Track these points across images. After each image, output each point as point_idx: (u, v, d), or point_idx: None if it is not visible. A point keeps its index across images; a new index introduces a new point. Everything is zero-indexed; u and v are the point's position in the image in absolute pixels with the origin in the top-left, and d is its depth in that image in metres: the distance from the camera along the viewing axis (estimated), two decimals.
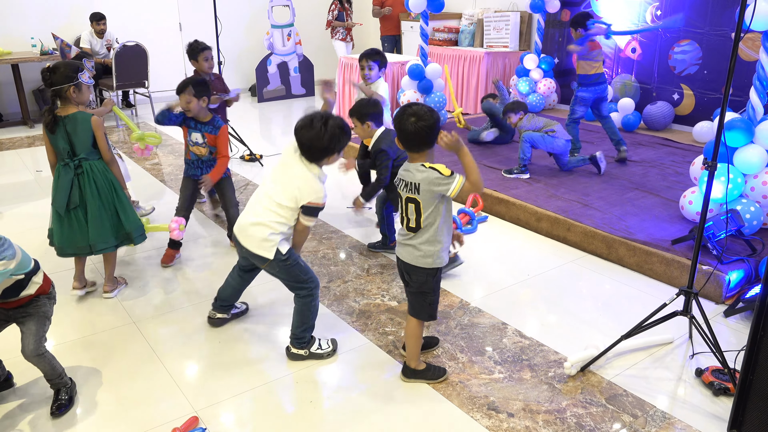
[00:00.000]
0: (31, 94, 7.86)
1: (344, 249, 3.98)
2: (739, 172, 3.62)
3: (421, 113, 2.34)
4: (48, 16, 7.88)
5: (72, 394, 2.49)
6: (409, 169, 2.42)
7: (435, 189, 2.34)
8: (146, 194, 5.03)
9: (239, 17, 9.34)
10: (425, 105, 2.40)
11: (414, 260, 2.46)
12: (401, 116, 2.36)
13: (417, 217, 2.41)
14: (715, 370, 2.62)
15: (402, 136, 2.38)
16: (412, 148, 2.40)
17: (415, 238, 2.44)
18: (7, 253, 2.19)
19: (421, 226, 2.41)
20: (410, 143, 2.38)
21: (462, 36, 8.19)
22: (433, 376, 2.63)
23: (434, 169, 2.34)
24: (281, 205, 2.58)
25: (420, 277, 2.48)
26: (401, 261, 2.53)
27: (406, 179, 2.41)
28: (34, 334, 2.36)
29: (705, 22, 6.03)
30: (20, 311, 2.39)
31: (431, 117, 2.34)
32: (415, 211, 2.41)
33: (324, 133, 2.48)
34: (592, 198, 4.39)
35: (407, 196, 2.41)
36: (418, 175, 2.36)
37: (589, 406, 2.48)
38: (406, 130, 2.35)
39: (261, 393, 2.56)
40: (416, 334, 2.59)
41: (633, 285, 3.50)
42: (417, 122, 2.33)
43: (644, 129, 6.49)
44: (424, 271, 2.46)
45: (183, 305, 3.28)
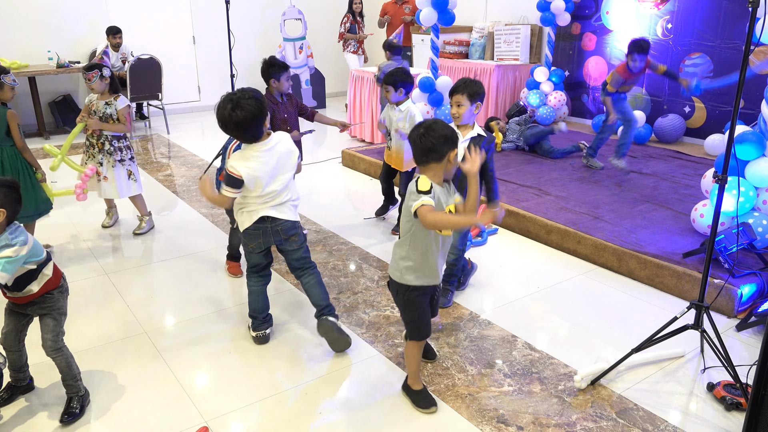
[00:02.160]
0: (47, 106, 7.99)
1: (354, 260, 4.00)
2: (751, 186, 3.61)
3: (432, 125, 2.29)
4: (65, 29, 8.01)
5: (84, 403, 2.52)
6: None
7: (408, 202, 2.29)
8: (158, 204, 5.08)
9: (252, 30, 9.45)
10: (440, 120, 2.33)
11: (390, 270, 2.47)
12: (414, 132, 2.33)
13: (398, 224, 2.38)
14: (727, 384, 2.60)
15: (416, 150, 2.32)
16: (424, 161, 2.31)
17: (396, 248, 2.44)
18: (19, 238, 2.22)
19: (399, 237, 2.42)
20: (424, 156, 2.30)
21: (472, 49, 8.23)
22: (418, 403, 2.53)
23: (416, 181, 2.28)
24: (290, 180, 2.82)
25: (394, 287, 2.46)
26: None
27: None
28: (51, 330, 2.41)
29: (716, 35, 6.02)
30: (34, 307, 2.41)
31: (443, 128, 2.27)
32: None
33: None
34: (602, 210, 4.38)
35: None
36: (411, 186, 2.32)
37: (599, 420, 2.46)
38: (418, 143, 2.29)
39: (271, 404, 2.57)
40: (407, 353, 2.55)
41: (644, 298, 3.48)
42: (428, 133, 2.27)
43: (655, 142, 6.48)
44: (393, 283, 2.45)
45: (193, 315, 3.30)
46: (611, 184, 5.02)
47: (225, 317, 3.29)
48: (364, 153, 6.15)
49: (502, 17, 8.30)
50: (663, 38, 6.48)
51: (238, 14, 9.06)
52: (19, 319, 2.47)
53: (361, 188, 5.51)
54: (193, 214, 4.89)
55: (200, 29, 9.05)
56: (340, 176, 6.00)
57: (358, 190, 5.53)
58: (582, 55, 7.42)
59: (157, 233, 4.47)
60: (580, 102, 7.52)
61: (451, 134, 2.30)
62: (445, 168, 2.32)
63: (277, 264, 3.89)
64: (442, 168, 2.31)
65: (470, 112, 3.13)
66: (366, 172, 6.00)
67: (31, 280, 2.33)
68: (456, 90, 3.14)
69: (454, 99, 3.13)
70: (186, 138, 7.57)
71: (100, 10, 8.21)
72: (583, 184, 5.02)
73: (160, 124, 8.22)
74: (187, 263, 3.96)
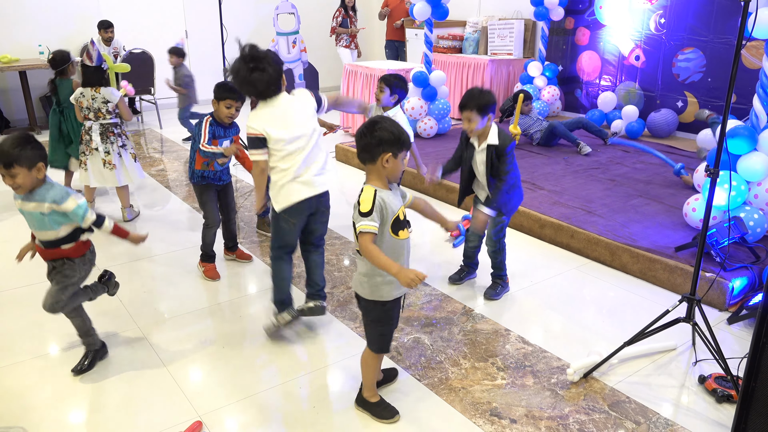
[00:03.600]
0: (38, 101, 7.92)
1: (348, 255, 4.00)
2: (742, 180, 3.63)
3: (376, 123, 2.15)
4: (56, 23, 7.95)
5: (94, 359, 2.74)
6: (361, 188, 2.22)
7: (353, 218, 2.16)
8: (151, 199, 5.07)
9: (245, 25, 9.40)
10: (388, 119, 2.18)
11: (355, 286, 2.31)
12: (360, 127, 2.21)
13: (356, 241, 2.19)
14: (718, 377, 2.62)
15: (357, 146, 2.21)
16: (360, 158, 2.20)
17: (359, 262, 2.27)
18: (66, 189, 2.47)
19: (360, 254, 2.20)
20: (360, 154, 2.20)
21: (466, 44, 8.22)
22: (380, 414, 2.43)
23: (362, 196, 2.14)
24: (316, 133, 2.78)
25: (364, 304, 2.31)
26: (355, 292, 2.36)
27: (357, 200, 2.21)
28: (52, 295, 2.57)
29: (709, 30, 6.04)
30: (55, 265, 2.57)
31: (382, 130, 2.12)
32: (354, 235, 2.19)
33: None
34: (595, 205, 4.39)
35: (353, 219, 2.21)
36: (358, 197, 2.17)
37: (591, 413, 2.48)
38: (357, 140, 2.18)
39: (264, 398, 2.57)
40: (367, 363, 2.42)
41: (636, 292, 3.50)
42: (368, 132, 2.14)
43: (648, 136, 6.50)
44: (366, 300, 2.29)
45: (187, 309, 3.29)
46: (604, 179, 5.04)
47: (219, 312, 3.28)
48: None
49: (496, 12, 8.30)
50: (656, 33, 6.49)
51: (231, 8, 9.01)
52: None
53: (354, 183, 5.50)
54: (185, 209, 4.87)
55: (193, 23, 9.00)
56: (333, 171, 6.00)
57: (352, 185, 5.52)
58: (575, 50, 7.43)
59: (150, 228, 4.45)
60: (574, 96, 7.53)
61: (397, 135, 2.13)
62: (387, 171, 2.17)
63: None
64: (378, 170, 2.16)
65: (482, 125, 3.07)
66: (359, 167, 6.00)
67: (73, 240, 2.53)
68: (464, 106, 3.04)
69: (464, 115, 3.05)
70: (179, 133, 7.54)
71: (91, 4, 8.15)
72: (576, 178, 5.04)
73: (152, 118, 8.18)
74: (180, 258, 3.95)
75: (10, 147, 2.28)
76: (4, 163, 2.29)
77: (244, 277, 3.72)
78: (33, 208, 2.42)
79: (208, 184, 3.56)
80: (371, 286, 2.24)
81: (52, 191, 2.41)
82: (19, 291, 3.49)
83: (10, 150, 2.28)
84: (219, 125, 3.42)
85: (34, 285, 3.50)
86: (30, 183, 2.36)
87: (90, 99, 4.23)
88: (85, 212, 2.47)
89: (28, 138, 2.35)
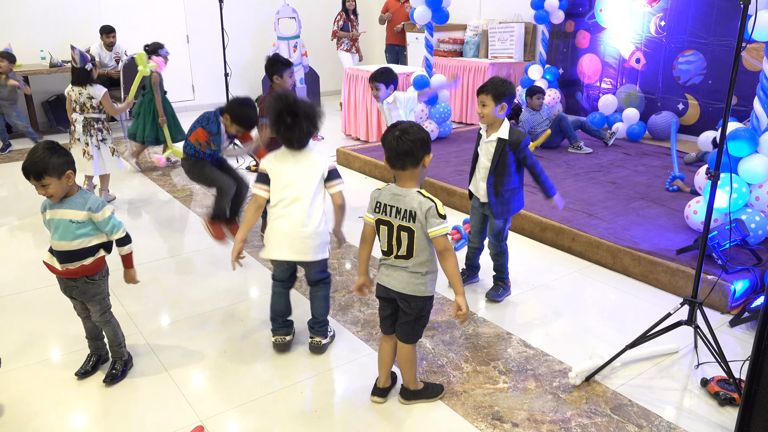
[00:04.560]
0: (41, 106, 7.95)
1: (349, 259, 4.00)
2: (744, 182, 3.62)
3: (408, 128, 2.25)
4: (58, 29, 7.98)
5: (126, 367, 2.75)
6: (401, 193, 2.29)
7: (427, 221, 2.23)
8: (152, 204, 5.08)
9: (245, 29, 9.43)
10: (416, 124, 2.31)
11: (412, 289, 2.33)
12: (387, 133, 2.27)
13: (409, 245, 2.28)
14: (720, 380, 2.61)
15: (389, 153, 2.26)
16: (398, 165, 2.27)
17: (407, 263, 2.32)
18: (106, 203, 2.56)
19: (414, 255, 2.30)
20: (397, 161, 2.26)
21: (467, 47, 8.24)
22: (431, 395, 2.56)
23: (432, 200, 2.24)
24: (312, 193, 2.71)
25: (419, 303, 2.36)
26: (392, 290, 2.37)
27: (398, 205, 2.28)
28: (98, 310, 2.63)
29: (709, 32, 6.05)
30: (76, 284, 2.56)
31: (418, 132, 2.25)
32: (408, 239, 2.28)
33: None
34: (596, 208, 4.39)
35: (399, 224, 2.28)
36: (413, 202, 2.25)
37: (593, 416, 2.47)
38: (392, 147, 2.24)
39: (266, 403, 2.57)
40: (412, 358, 2.47)
41: (638, 295, 3.50)
42: (402, 136, 2.22)
43: (649, 139, 6.50)
44: (421, 298, 2.35)
45: (188, 314, 3.30)
46: (605, 181, 5.04)
47: (220, 316, 3.29)
48: (359, 151, 6.15)
49: (496, 15, 8.31)
50: (656, 36, 6.50)
51: (232, 13, 9.03)
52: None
53: (356, 186, 5.50)
54: (188, 214, 4.88)
55: (194, 28, 9.02)
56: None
57: (353, 188, 5.52)
58: (576, 53, 7.43)
59: (152, 233, 4.46)
60: (574, 99, 7.53)
61: (427, 138, 2.27)
62: (421, 173, 2.30)
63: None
64: (419, 172, 2.29)
65: (495, 112, 3.09)
66: (361, 170, 6.01)
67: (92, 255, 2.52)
68: (482, 89, 3.10)
69: (480, 98, 3.11)
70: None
71: (93, 9, 8.18)
72: (577, 181, 5.04)
73: None
74: (182, 263, 3.96)
75: (38, 158, 2.33)
76: (34, 174, 2.33)
77: (245, 281, 3.72)
78: (68, 215, 2.44)
79: (201, 159, 3.81)
80: (429, 282, 2.34)
81: (90, 199, 2.47)
82: (19, 296, 3.49)
83: (38, 161, 2.33)
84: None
85: (35, 290, 3.51)
86: (62, 191, 2.42)
87: (77, 94, 4.60)
88: (119, 225, 2.55)
89: (54, 147, 2.39)
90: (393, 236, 2.31)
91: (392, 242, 2.32)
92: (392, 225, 2.30)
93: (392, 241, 2.32)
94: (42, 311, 3.31)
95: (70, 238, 2.45)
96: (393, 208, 2.29)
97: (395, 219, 2.29)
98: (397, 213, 2.28)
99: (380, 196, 2.34)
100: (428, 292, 2.36)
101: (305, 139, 2.68)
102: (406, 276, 2.33)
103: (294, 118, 2.60)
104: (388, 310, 2.46)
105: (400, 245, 2.30)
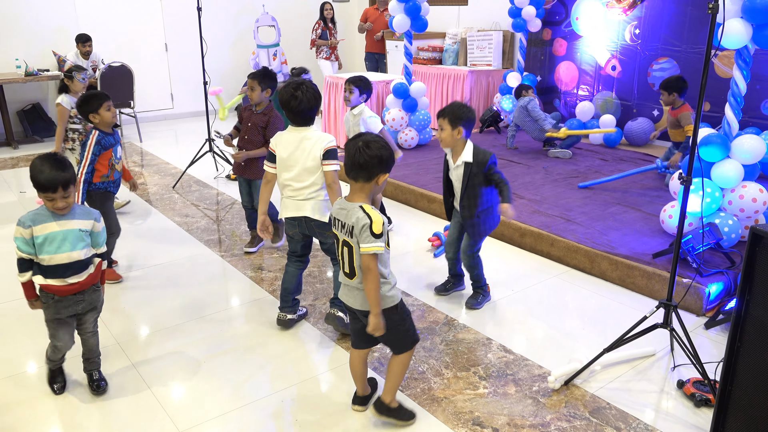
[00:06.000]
0: (16, 116, 7.84)
1: (330, 267, 3.99)
2: (716, 187, 3.70)
3: (371, 143, 2.21)
4: (33, 37, 7.89)
5: (101, 375, 2.73)
6: (346, 207, 2.25)
7: (360, 236, 2.18)
8: (131, 213, 5.03)
9: (224, 37, 9.40)
10: (382, 139, 2.27)
11: (364, 305, 2.30)
12: (351, 141, 2.25)
13: (350, 262, 2.25)
14: (696, 381, 2.65)
15: (347, 161, 2.24)
16: (351, 175, 2.24)
17: (353, 282, 2.29)
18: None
19: (356, 273, 2.26)
20: (351, 170, 2.23)
21: (446, 55, 8.30)
22: (403, 418, 2.46)
23: (369, 217, 2.17)
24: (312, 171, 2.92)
25: (385, 315, 2.29)
26: (356, 309, 2.35)
27: (342, 219, 2.25)
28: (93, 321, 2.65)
29: (682, 40, 6.17)
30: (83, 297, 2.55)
31: (380, 149, 2.20)
32: (348, 254, 2.25)
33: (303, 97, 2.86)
34: (574, 213, 4.44)
35: (343, 238, 2.26)
36: (353, 217, 2.20)
37: (573, 420, 2.49)
38: (350, 156, 2.22)
39: (247, 412, 2.56)
40: (406, 364, 2.42)
41: (616, 299, 3.54)
42: (363, 148, 2.19)
43: (625, 145, 6.60)
44: (385, 311, 2.29)
45: (167, 324, 3.27)
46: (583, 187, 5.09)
47: (200, 327, 3.26)
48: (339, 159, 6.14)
49: (475, 23, 8.39)
50: (631, 43, 6.61)
51: (211, 21, 9.00)
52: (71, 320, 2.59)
53: None
54: (166, 223, 4.84)
55: (172, 36, 8.98)
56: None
57: None
58: (553, 61, 7.53)
59: (130, 242, 4.41)
60: (552, 106, 7.62)
61: (388, 157, 2.23)
62: (372, 189, 2.27)
63: (251, 273, 3.87)
64: (370, 188, 2.26)
65: (452, 137, 3.10)
66: (342, 178, 5.99)
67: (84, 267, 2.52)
68: (440, 113, 3.13)
69: (438, 122, 3.16)
70: (159, 146, 7.50)
71: (69, 17, 8.10)
72: (555, 187, 5.09)
73: (132, 132, 8.12)
74: (160, 273, 3.92)
75: (62, 169, 2.34)
76: (63, 185, 2.34)
77: (225, 290, 3.70)
78: (77, 225, 2.45)
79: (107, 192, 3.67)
80: (387, 293, 2.29)
81: (92, 210, 2.55)
82: None
83: (64, 172, 2.34)
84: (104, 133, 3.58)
85: (11, 302, 3.46)
86: (72, 201, 2.43)
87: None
88: (105, 238, 2.61)
89: (64, 159, 2.40)
90: (339, 250, 2.31)
91: (341, 256, 2.31)
92: (339, 239, 2.30)
93: (341, 255, 2.31)
94: (14, 324, 3.26)
95: (81, 247, 2.45)
96: (339, 221, 2.28)
97: (340, 233, 2.28)
98: (342, 227, 2.26)
99: (332, 209, 2.36)
100: (391, 303, 2.30)
101: (308, 114, 2.89)
102: (358, 294, 2.30)
103: (297, 89, 2.84)
104: (359, 323, 2.42)
105: (344, 261, 2.29)
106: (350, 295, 2.35)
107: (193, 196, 5.50)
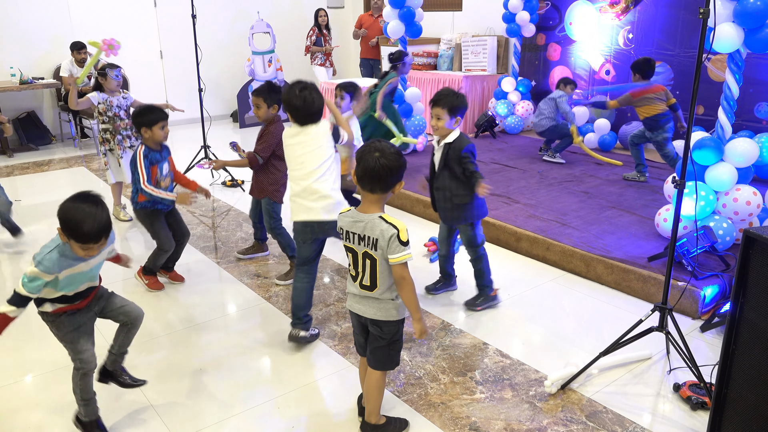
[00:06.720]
0: (11, 124, 7.82)
1: (326, 272, 3.99)
2: (710, 190, 3.71)
3: (388, 153, 2.15)
4: (28, 45, 7.88)
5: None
6: (363, 219, 2.19)
7: (388, 248, 2.13)
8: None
9: (220, 44, 9.41)
10: (393, 148, 2.21)
11: (384, 315, 2.26)
12: (366, 152, 2.17)
13: (372, 274, 2.21)
14: (692, 384, 2.66)
15: (362, 173, 2.16)
16: (367, 188, 2.18)
17: (373, 293, 2.25)
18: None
19: (377, 286, 2.23)
20: (368, 183, 2.17)
21: (441, 60, 8.33)
22: (395, 430, 2.43)
23: (395, 227, 2.12)
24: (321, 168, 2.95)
25: (392, 328, 2.29)
26: (364, 318, 2.30)
27: (359, 232, 2.20)
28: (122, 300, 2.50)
29: (675, 44, 6.20)
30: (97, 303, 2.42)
31: (397, 159, 2.16)
32: (370, 267, 2.20)
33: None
34: (570, 217, 4.45)
35: (364, 251, 2.20)
36: (376, 229, 2.15)
37: (569, 424, 2.49)
38: (367, 168, 2.14)
39: (242, 420, 2.55)
40: (382, 387, 2.37)
41: (611, 302, 3.55)
42: (380, 159, 2.13)
43: (620, 148, 6.62)
44: (394, 322, 2.29)
45: (161, 333, 3.26)
46: (578, 191, 5.11)
47: (196, 334, 3.25)
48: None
49: (469, 29, 8.43)
50: (625, 48, 6.64)
51: (206, 28, 9.01)
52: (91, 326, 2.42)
53: None
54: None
55: (167, 44, 8.98)
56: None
57: None
58: (547, 65, 7.56)
59: (128, 249, 4.40)
60: None
61: (404, 166, 2.20)
62: (386, 198, 2.23)
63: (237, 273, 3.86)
64: (386, 198, 2.22)
65: (450, 125, 3.13)
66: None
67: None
68: (436, 102, 3.10)
69: (434, 111, 3.12)
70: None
71: (64, 25, 8.10)
72: (550, 191, 5.11)
73: None
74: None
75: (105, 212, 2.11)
76: (106, 234, 2.12)
77: (221, 297, 3.69)
78: (104, 255, 2.34)
79: (155, 210, 3.57)
80: (396, 307, 2.26)
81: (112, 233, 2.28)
82: None
83: (107, 218, 2.11)
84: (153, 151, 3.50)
85: None
86: None
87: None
88: None
89: (101, 200, 2.14)
90: (359, 263, 2.25)
91: (358, 268, 2.25)
92: (357, 252, 2.23)
93: (358, 267, 2.25)
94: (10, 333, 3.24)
95: (100, 268, 2.36)
96: (355, 235, 2.21)
97: (359, 246, 2.21)
98: (360, 240, 2.20)
99: (341, 222, 2.27)
100: (400, 316, 2.29)
101: (313, 113, 2.96)
102: (375, 303, 2.26)
103: (303, 90, 2.91)
104: (363, 336, 2.40)
105: (365, 273, 2.24)
106: (365, 305, 2.28)
107: None
